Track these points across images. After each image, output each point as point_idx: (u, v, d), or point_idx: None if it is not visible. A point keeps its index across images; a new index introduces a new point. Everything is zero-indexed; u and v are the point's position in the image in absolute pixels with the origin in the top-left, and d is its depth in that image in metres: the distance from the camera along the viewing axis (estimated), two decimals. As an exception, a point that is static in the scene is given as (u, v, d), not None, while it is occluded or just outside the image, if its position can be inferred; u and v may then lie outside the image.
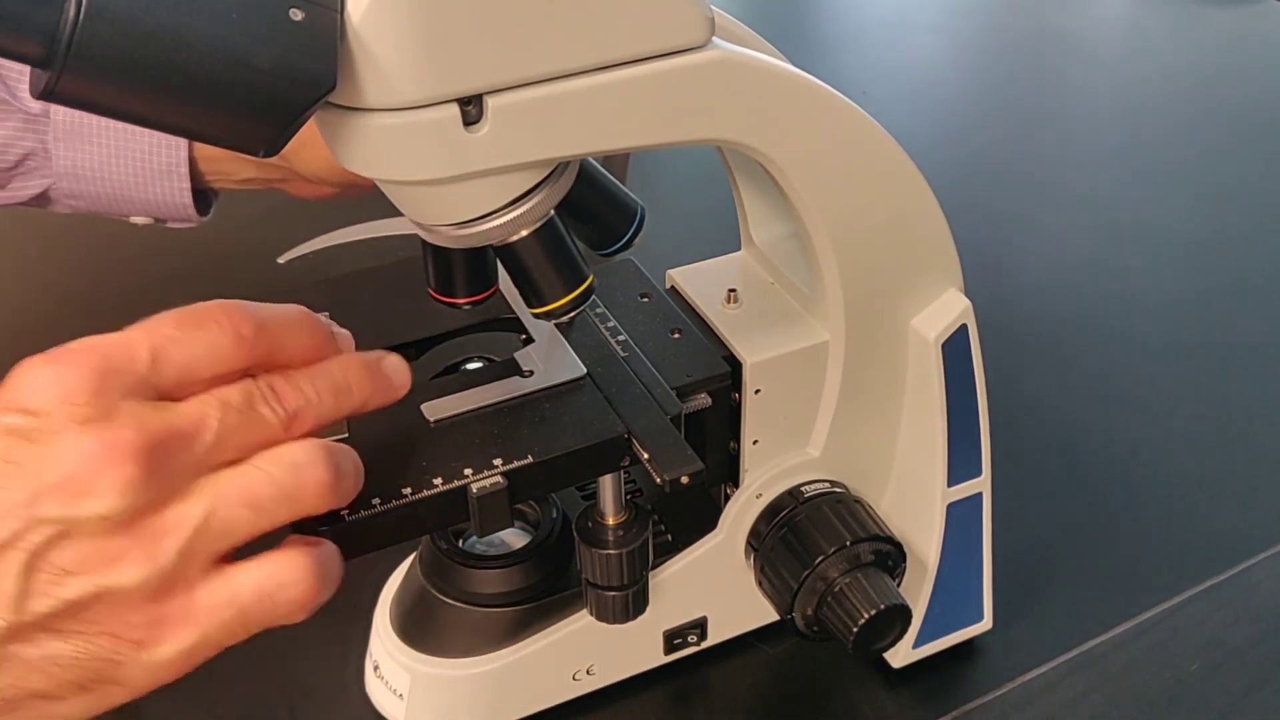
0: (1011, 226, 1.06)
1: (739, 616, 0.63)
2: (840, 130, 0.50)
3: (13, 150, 0.71)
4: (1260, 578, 0.69)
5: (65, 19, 0.36)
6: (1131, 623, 0.66)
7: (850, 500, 0.59)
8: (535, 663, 0.59)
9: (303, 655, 0.65)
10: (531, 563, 0.59)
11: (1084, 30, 1.52)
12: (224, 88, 0.38)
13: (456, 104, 0.42)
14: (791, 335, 0.57)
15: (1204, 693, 0.62)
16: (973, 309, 0.57)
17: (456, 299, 0.52)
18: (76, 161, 0.72)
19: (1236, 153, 1.18)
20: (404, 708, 0.59)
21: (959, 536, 0.61)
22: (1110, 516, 0.74)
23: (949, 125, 1.27)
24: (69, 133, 0.72)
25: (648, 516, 0.56)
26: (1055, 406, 0.83)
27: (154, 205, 0.75)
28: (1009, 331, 0.91)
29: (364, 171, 0.44)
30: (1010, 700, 0.62)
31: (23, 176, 0.72)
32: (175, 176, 0.73)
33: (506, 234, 0.47)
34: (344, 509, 0.48)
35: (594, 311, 0.60)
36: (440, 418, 0.52)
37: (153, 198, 0.74)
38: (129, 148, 0.72)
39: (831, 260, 0.54)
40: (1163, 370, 0.87)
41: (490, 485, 0.49)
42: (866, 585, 0.56)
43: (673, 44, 0.44)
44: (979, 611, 0.64)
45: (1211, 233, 1.05)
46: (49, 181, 0.73)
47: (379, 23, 0.39)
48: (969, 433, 0.59)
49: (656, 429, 0.52)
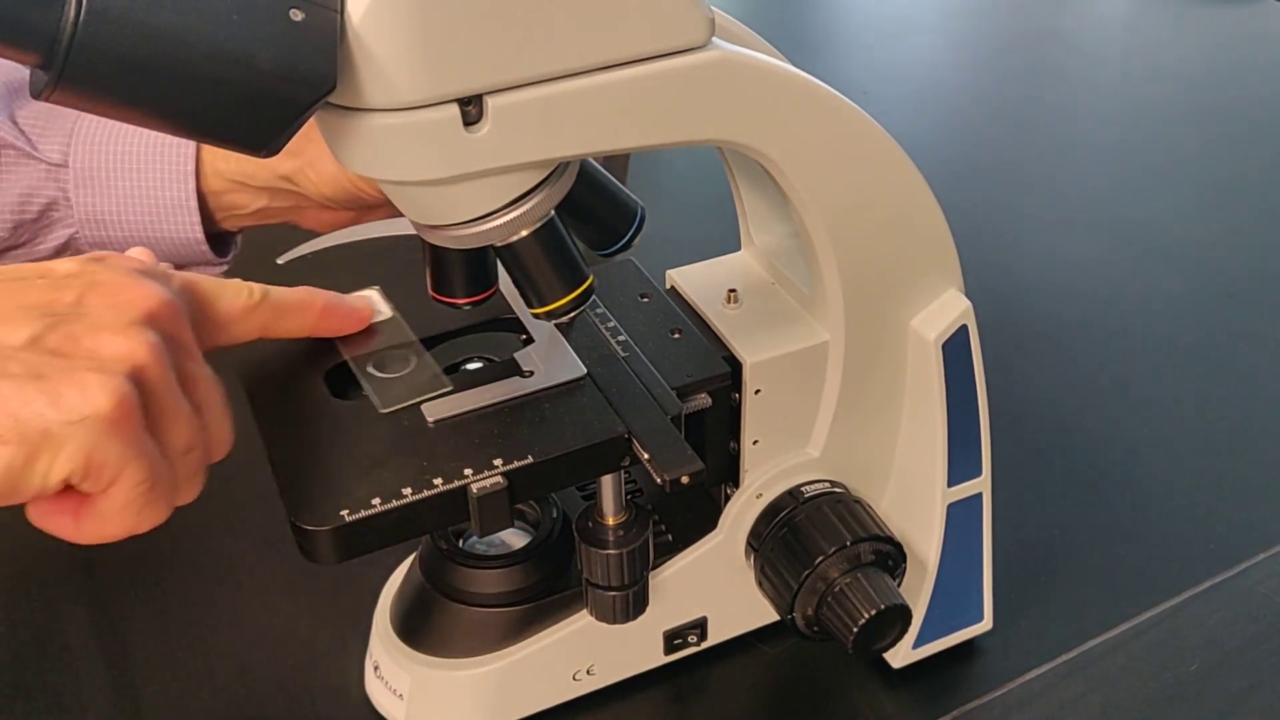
0: (1011, 226, 1.06)
1: (739, 616, 0.63)
2: (840, 130, 0.50)
3: (36, 201, 0.71)
4: (1260, 578, 0.69)
5: (65, 20, 0.36)
6: (1131, 623, 0.66)
7: (850, 500, 0.59)
8: (535, 663, 0.59)
9: (303, 655, 0.65)
10: (531, 563, 0.59)
11: (1084, 30, 1.52)
12: (224, 88, 0.39)
13: (456, 104, 0.42)
14: (791, 335, 0.57)
15: (1204, 693, 0.62)
16: (973, 309, 0.57)
17: (456, 299, 0.52)
18: (97, 207, 0.72)
19: (1236, 152, 1.19)
20: (404, 708, 0.59)
21: (959, 536, 0.61)
22: (1110, 516, 0.74)
23: (949, 125, 1.27)
24: (88, 179, 0.72)
25: (648, 516, 0.56)
26: (1055, 407, 0.83)
27: (170, 245, 0.74)
28: (1009, 331, 0.91)
29: (364, 171, 0.44)
30: (1010, 700, 0.62)
31: (47, 229, 0.73)
32: (185, 210, 0.73)
33: (506, 234, 0.47)
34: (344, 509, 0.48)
35: (594, 311, 0.60)
36: (440, 418, 0.52)
37: (166, 235, 0.73)
38: (142, 188, 0.72)
39: (831, 260, 0.54)
40: (1163, 370, 0.87)
41: (490, 485, 0.49)
42: (866, 585, 0.56)
43: (673, 44, 0.44)
44: (979, 612, 0.64)
45: (1212, 232, 1.05)
46: (72, 231, 0.73)
47: (379, 23, 0.39)
48: (969, 433, 0.59)
49: (656, 429, 0.52)
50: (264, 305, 0.52)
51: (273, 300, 0.52)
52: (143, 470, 0.43)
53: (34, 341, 0.42)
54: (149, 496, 0.44)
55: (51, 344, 0.42)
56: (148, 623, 0.67)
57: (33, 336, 0.42)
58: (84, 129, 0.72)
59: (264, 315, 0.52)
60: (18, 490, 0.41)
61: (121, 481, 0.43)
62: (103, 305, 0.44)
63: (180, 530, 0.73)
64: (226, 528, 0.73)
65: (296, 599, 0.68)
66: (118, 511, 0.43)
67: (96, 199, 0.72)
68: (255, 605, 0.68)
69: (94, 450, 0.41)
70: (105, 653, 0.65)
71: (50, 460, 0.41)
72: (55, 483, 0.41)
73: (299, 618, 0.67)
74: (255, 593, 0.69)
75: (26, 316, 0.43)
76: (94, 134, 0.72)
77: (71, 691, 0.63)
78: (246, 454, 0.52)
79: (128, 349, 0.43)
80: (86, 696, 0.63)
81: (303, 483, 0.49)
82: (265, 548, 0.71)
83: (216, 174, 0.73)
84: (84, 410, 0.41)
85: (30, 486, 0.41)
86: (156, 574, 0.70)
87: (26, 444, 0.40)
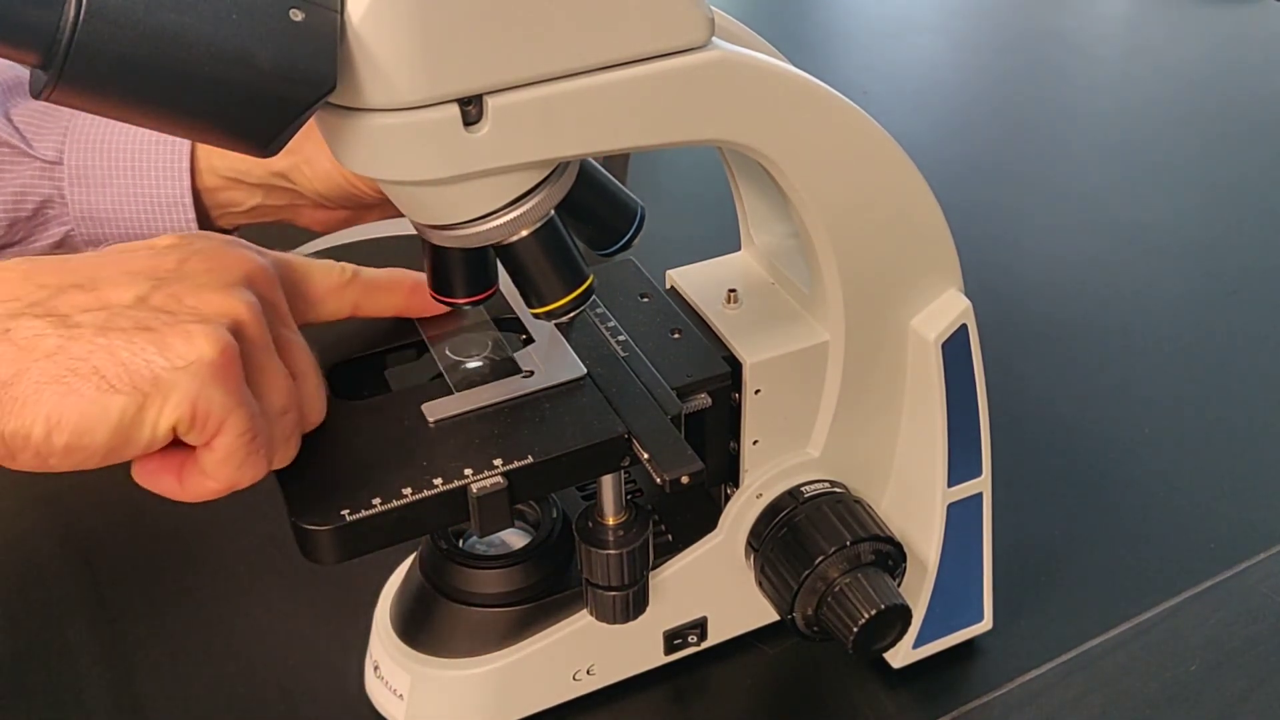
0: (1011, 226, 1.06)
1: (739, 616, 0.63)
2: (840, 130, 0.50)
3: (30, 198, 0.71)
4: (1260, 578, 0.69)
5: (65, 19, 0.36)
6: (1131, 623, 0.66)
7: (850, 500, 0.59)
8: (535, 663, 0.59)
9: (303, 655, 0.65)
10: (531, 563, 0.59)
11: (1083, 30, 1.52)
12: (224, 87, 0.39)
13: (456, 104, 0.42)
14: (791, 335, 0.57)
15: (1204, 693, 0.62)
16: (973, 309, 0.57)
17: (456, 299, 0.52)
18: (92, 205, 0.72)
19: (1236, 152, 1.18)
20: (404, 708, 0.59)
21: (959, 536, 0.61)
22: (1110, 516, 0.74)
23: (949, 125, 1.27)
24: (82, 177, 0.72)
25: (648, 516, 0.56)
26: (1055, 406, 0.83)
27: None
28: (1009, 331, 0.91)
29: (364, 172, 0.44)
30: (1010, 700, 0.62)
31: (42, 226, 0.73)
32: (180, 208, 0.73)
33: (506, 234, 0.47)
34: (344, 509, 0.48)
35: (594, 311, 0.60)
36: (440, 418, 0.52)
37: (161, 232, 0.73)
38: (137, 185, 0.72)
39: (831, 260, 0.54)
40: (1163, 369, 0.87)
41: (490, 485, 0.49)
42: (866, 585, 0.56)
43: (673, 44, 0.44)
44: (979, 612, 0.64)
45: (1212, 232, 1.05)
46: (67, 228, 0.73)
47: (379, 23, 0.39)
48: (969, 433, 0.59)
49: (656, 429, 0.52)
50: (355, 283, 0.54)
51: (364, 279, 0.55)
52: (245, 420, 0.44)
53: (140, 300, 0.45)
54: (250, 448, 0.45)
55: (157, 302, 0.45)
56: (148, 623, 0.67)
57: (139, 296, 0.45)
58: (78, 126, 0.72)
59: (355, 293, 0.54)
60: (130, 441, 0.43)
61: (225, 432, 0.44)
62: (203, 269, 0.47)
63: (180, 530, 0.73)
64: (227, 527, 0.73)
65: (297, 599, 0.68)
66: (220, 463, 0.45)
67: (91, 196, 0.72)
68: (256, 605, 0.68)
69: (199, 397, 0.43)
70: (105, 653, 0.65)
71: (160, 407, 0.43)
72: (164, 431, 0.43)
73: (299, 617, 0.67)
74: (255, 592, 0.69)
75: (133, 280, 0.45)
76: (88, 131, 0.72)
77: (71, 691, 0.63)
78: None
79: (229, 305, 0.46)
80: (86, 696, 0.63)
81: (304, 482, 0.49)
82: (266, 547, 0.71)
83: (211, 170, 0.73)
84: (190, 356, 0.43)
85: (141, 437, 0.43)
86: (157, 574, 0.70)
87: (138, 392, 0.42)
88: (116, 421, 0.42)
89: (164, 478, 0.46)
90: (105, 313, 0.44)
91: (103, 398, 0.42)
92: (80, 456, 0.42)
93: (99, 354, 0.42)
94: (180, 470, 0.45)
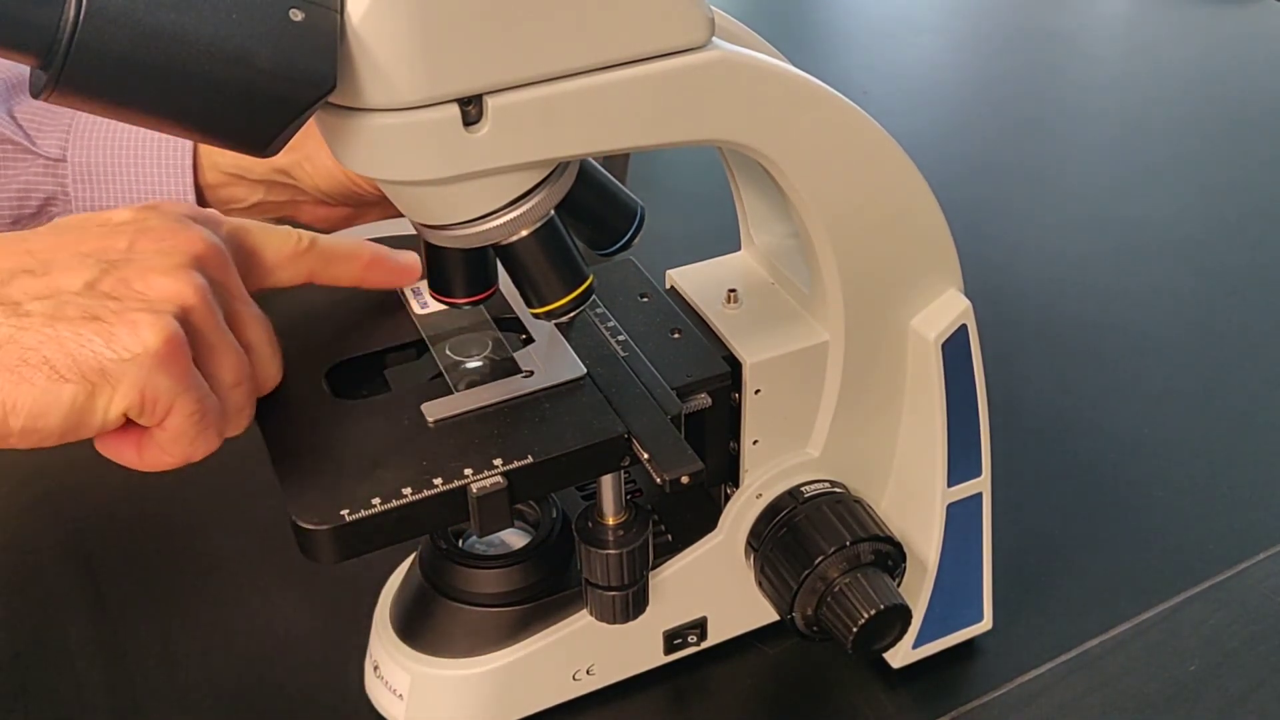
0: (1011, 226, 1.06)
1: (739, 616, 0.63)
2: (840, 130, 0.50)
3: (35, 195, 0.71)
4: (1260, 578, 0.69)
5: (65, 19, 0.36)
6: (1131, 623, 0.66)
7: (850, 500, 0.59)
8: (535, 663, 0.59)
9: (302, 655, 0.65)
10: (531, 563, 0.59)
11: (1083, 30, 1.52)
12: (224, 87, 0.39)
13: (456, 104, 0.42)
14: (791, 335, 0.57)
15: (1203, 693, 0.62)
16: (973, 309, 0.57)
17: (456, 299, 0.52)
18: (95, 201, 0.73)
19: (1236, 151, 1.19)
20: (404, 708, 0.59)
21: (959, 536, 0.61)
22: (1110, 516, 0.74)
23: (949, 125, 1.27)
24: (86, 174, 0.72)
25: (648, 516, 0.56)
26: (1055, 406, 0.83)
27: None
28: (1009, 331, 0.91)
29: (364, 171, 0.44)
30: (1010, 700, 0.62)
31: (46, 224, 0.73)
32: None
33: (506, 234, 0.47)
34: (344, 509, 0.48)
35: (594, 311, 0.60)
36: (440, 418, 0.52)
37: None
38: (140, 182, 0.73)
39: (831, 260, 0.54)
40: (1163, 369, 0.87)
41: (490, 485, 0.49)
42: (866, 585, 0.56)
43: (673, 44, 0.44)
44: (979, 612, 0.64)
45: (1212, 231, 1.05)
46: None
47: (379, 23, 0.39)
48: (969, 433, 0.59)
49: (656, 429, 0.52)
50: (311, 252, 0.55)
51: (321, 248, 0.55)
52: (193, 403, 0.46)
53: (89, 286, 0.46)
54: (200, 427, 0.47)
55: (105, 287, 0.46)
56: (148, 623, 0.67)
57: (88, 282, 0.46)
58: (82, 124, 0.72)
59: (311, 261, 0.55)
60: (83, 425, 0.44)
61: (174, 414, 0.45)
62: (152, 250, 0.48)
63: (180, 530, 0.73)
64: (227, 527, 0.73)
65: (296, 599, 0.68)
66: (173, 441, 0.46)
67: (95, 193, 0.72)
68: (255, 605, 0.68)
69: (147, 385, 0.44)
70: (105, 653, 0.65)
71: (109, 396, 0.44)
72: (115, 417, 0.45)
73: (299, 618, 0.67)
74: (255, 593, 0.69)
75: (83, 263, 0.46)
76: (92, 129, 0.72)
77: (71, 691, 0.63)
78: (247, 453, 0.52)
79: (175, 290, 0.46)
80: (86, 696, 0.63)
81: (303, 482, 0.49)
82: (265, 547, 0.71)
83: (214, 167, 0.73)
84: (135, 348, 0.44)
85: (94, 421, 0.44)
86: (156, 574, 0.70)
87: (86, 381, 0.43)
88: (68, 408, 0.44)
89: (124, 450, 0.48)
90: (54, 301, 0.45)
91: (54, 387, 0.43)
92: (37, 438, 0.44)
93: (48, 344, 0.43)
94: (138, 445, 0.47)
